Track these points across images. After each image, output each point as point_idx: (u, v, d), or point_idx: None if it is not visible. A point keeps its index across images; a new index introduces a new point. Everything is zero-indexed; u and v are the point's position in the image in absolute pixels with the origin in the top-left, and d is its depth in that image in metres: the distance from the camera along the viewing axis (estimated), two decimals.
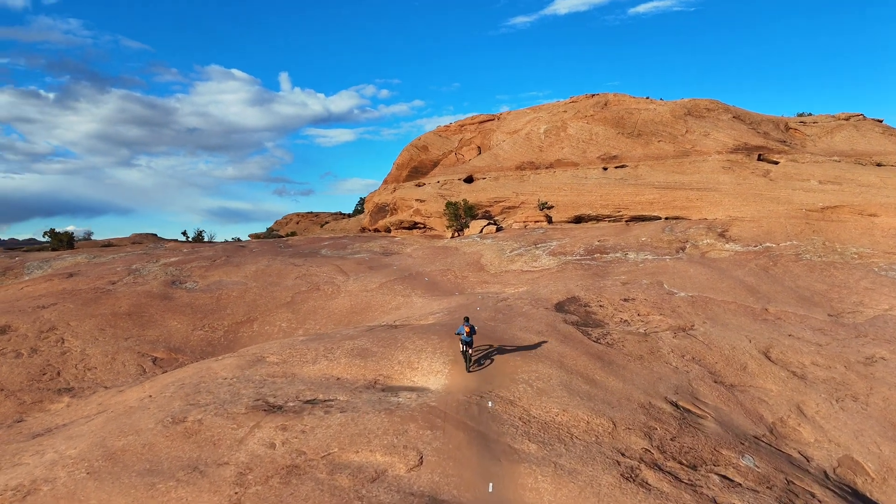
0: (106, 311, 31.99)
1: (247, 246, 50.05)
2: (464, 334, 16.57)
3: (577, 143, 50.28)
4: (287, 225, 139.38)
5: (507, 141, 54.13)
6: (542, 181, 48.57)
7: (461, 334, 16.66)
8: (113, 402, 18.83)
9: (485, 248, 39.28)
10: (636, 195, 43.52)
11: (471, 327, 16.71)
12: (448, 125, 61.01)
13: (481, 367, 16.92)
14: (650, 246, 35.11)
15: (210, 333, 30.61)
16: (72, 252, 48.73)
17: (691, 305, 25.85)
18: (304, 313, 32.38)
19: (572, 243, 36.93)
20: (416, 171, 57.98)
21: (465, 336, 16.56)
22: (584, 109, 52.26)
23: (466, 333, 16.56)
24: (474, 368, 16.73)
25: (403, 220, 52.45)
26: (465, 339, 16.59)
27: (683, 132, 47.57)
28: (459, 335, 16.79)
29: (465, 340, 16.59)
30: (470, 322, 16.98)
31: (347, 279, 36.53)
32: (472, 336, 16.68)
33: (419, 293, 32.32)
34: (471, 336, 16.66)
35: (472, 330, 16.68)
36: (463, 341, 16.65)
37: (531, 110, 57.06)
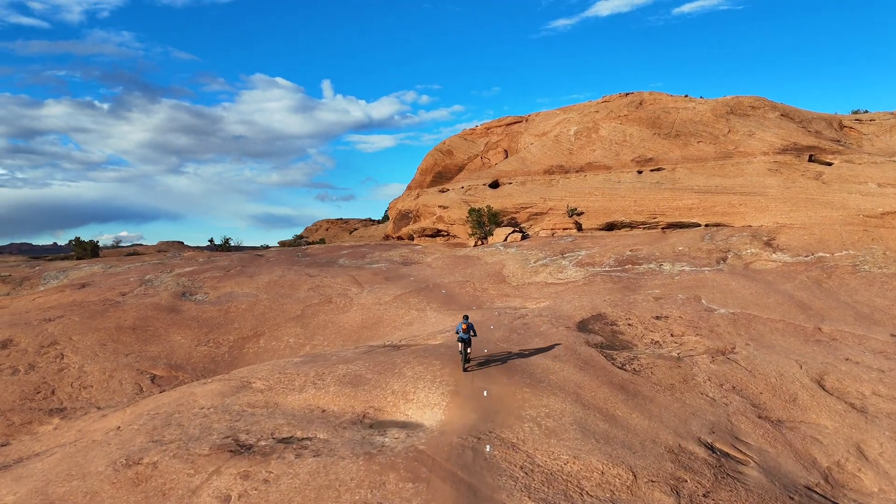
0: (110, 325, 31.43)
1: (264, 255, 49.39)
2: (460, 332, 17.09)
3: (609, 144, 47.90)
4: (317, 231, 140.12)
5: (535, 144, 52.11)
6: (571, 186, 46.37)
7: (458, 332, 17.19)
8: (91, 430, 17.76)
9: (508, 258, 37.38)
10: (673, 200, 40.93)
11: (468, 325, 17.17)
12: (474, 128, 59.32)
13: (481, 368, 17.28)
14: (687, 256, 32.61)
15: (214, 349, 29.62)
16: (90, 262, 48.99)
17: (732, 324, 23.45)
18: (314, 328, 31.13)
19: (602, 253, 34.69)
20: (440, 177, 56.49)
21: (462, 333, 17.04)
22: (617, 109, 49.84)
23: (463, 331, 17.04)
24: (471, 368, 17.17)
25: (426, 227, 50.98)
26: (461, 337, 17.07)
27: (725, 132, 44.70)
28: (457, 333, 17.33)
29: (462, 338, 17.06)
30: (469, 320, 17.49)
31: (361, 291, 35.19)
32: (468, 334, 17.16)
33: (434, 307, 30.68)
34: (468, 333, 17.11)
35: (469, 327, 17.17)
36: (460, 339, 17.12)
37: (561, 111, 54.87)
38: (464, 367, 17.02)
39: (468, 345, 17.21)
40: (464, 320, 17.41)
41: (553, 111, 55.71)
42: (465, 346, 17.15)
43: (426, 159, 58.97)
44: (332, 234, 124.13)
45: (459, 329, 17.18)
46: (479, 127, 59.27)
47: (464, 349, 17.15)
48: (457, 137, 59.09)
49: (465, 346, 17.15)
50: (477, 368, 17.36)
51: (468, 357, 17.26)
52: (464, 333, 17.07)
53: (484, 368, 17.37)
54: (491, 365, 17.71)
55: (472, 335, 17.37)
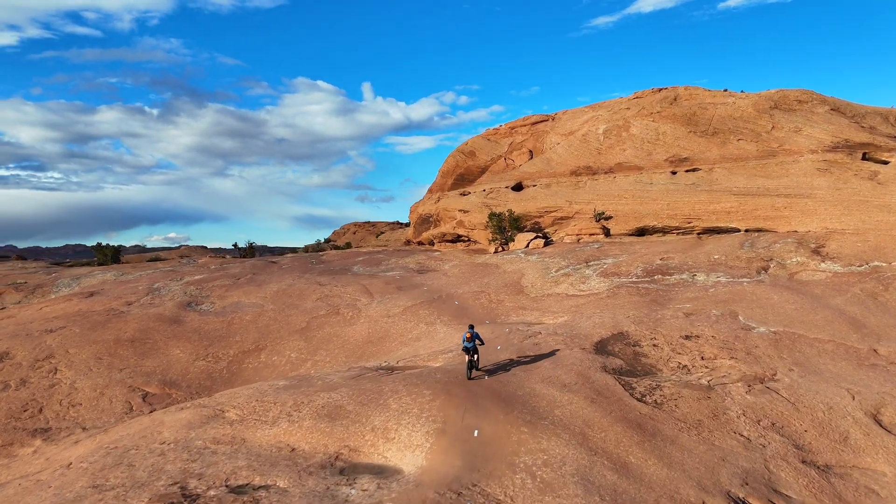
0: (109, 337, 30.74)
1: (278, 262, 48.52)
2: (465, 341, 17.53)
3: (641, 143, 45.33)
4: (344, 235, 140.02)
5: (562, 143, 49.85)
6: (599, 188, 44.01)
7: (463, 341, 17.64)
8: (57, 459, 16.63)
9: (527, 267, 35.37)
10: (710, 203, 38.20)
11: (473, 334, 17.50)
12: (498, 128, 57.30)
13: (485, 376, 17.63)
14: (724, 265, 30.04)
15: (212, 364, 28.55)
16: (104, 269, 49.00)
17: (774, 345, 21.01)
18: (318, 342, 29.79)
19: (630, 261, 32.35)
20: (461, 179, 54.71)
21: (466, 343, 17.47)
22: (649, 105, 47.19)
23: (467, 340, 17.46)
24: (476, 375, 17.51)
25: (446, 232, 49.29)
26: (465, 346, 17.49)
27: (769, 128, 41.65)
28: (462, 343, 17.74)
29: (466, 347, 17.47)
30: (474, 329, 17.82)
31: (371, 302, 33.73)
32: (473, 342, 17.47)
33: (445, 320, 28.96)
34: (472, 342, 17.44)
35: (473, 336, 17.49)
36: (464, 348, 17.55)
37: (589, 108, 52.42)
38: (468, 374, 17.37)
39: (475, 352, 17.61)
40: (469, 329, 17.75)
41: (581, 109, 53.29)
42: (470, 355, 17.53)
43: (447, 161, 57.25)
44: (359, 238, 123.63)
45: (464, 338, 17.62)
46: (502, 127, 57.24)
47: (469, 358, 17.54)
48: (479, 138, 57.19)
49: (470, 354, 17.52)
50: (475, 391, 15.56)
51: (476, 365, 17.72)
52: (467, 343, 17.46)
53: (481, 399, 15.54)
54: (489, 394, 15.86)
55: (477, 343, 17.68)
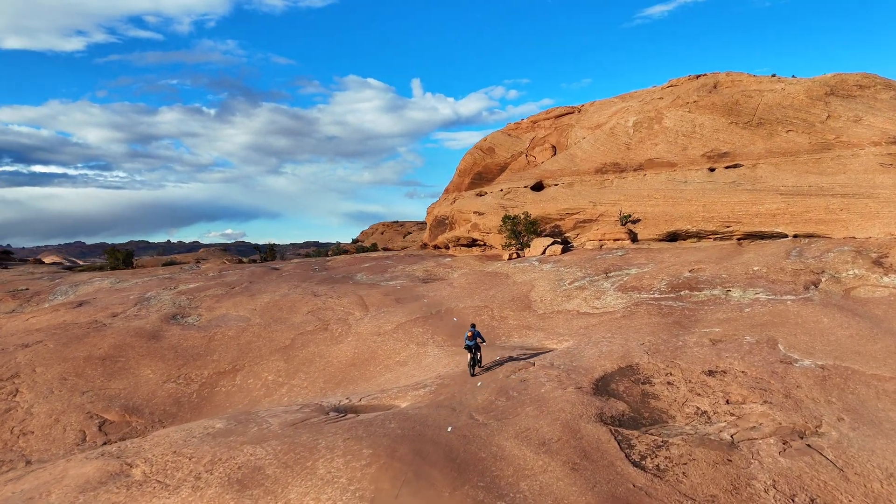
0: (81, 355, 29.12)
1: (281, 268, 46.56)
2: (466, 339, 19.16)
3: (675, 137, 41.29)
4: (372, 235, 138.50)
5: (588, 138, 46.16)
6: (627, 187, 40.24)
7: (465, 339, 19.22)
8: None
9: (540, 277, 32.13)
10: (753, 204, 34.08)
11: (474, 332, 19.08)
12: (519, 122, 53.87)
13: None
14: (765, 279, 26.14)
15: (182, 387, 26.49)
16: (104, 275, 48.10)
17: (820, 384, 17.38)
18: (299, 362, 27.39)
19: (654, 273, 28.73)
20: (479, 178, 51.61)
21: (468, 341, 19.06)
22: (685, 94, 43.04)
23: (468, 338, 19.08)
24: (478, 372, 19.12)
25: (460, 236, 46.36)
26: (467, 345, 19.06)
27: (824, 118, 37.07)
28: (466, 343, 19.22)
29: (468, 345, 19.01)
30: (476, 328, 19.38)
31: (365, 316, 31.19)
32: (474, 340, 19.03)
33: (438, 341, 26.12)
34: (473, 340, 19.02)
35: (475, 335, 19.07)
36: (466, 346, 19.13)
37: (619, 99, 48.49)
38: (471, 372, 18.97)
39: (477, 350, 19.11)
40: (471, 328, 19.26)
41: (610, 100, 49.37)
42: (473, 353, 19.02)
43: (465, 158, 54.20)
44: (386, 238, 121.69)
45: (466, 337, 19.18)
46: (524, 121, 53.78)
47: (472, 356, 19.04)
48: (499, 133, 53.88)
49: (472, 352, 19.01)
50: (426, 453, 12.66)
51: (479, 362, 19.32)
52: (469, 341, 19.01)
53: (429, 464, 12.64)
54: (443, 457, 12.93)
55: (479, 342, 19.18)
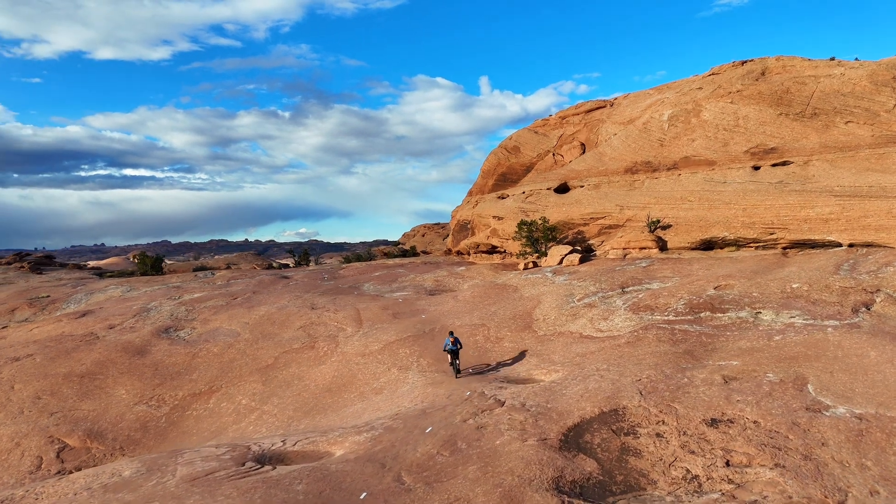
0: (63, 371, 28.47)
1: (291, 276, 45.26)
2: (448, 345, 21.16)
3: (714, 131, 37.28)
4: (413, 237, 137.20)
5: (619, 134, 42.59)
6: (658, 189, 36.58)
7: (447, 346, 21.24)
8: None
9: (549, 292, 29.24)
10: (802, 207, 29.96)
11: (455, 339, 21.21)
12: (547, 118, 50.65)
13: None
14: (804, 298, 22.39)
15: (153, 410, 25.22)
16: (119, 282, 48.24)
17: (854, 442, 14.03)
18: (276, 385, 25.67)
19: (675, 289, 25.32)
20: (503, 179, 48.79)
21: (451, 346, 21.08)
22: (727, 83, 38.86)
23: (451, 343, 21.10)
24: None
25: (480, 242, 43.78)
26: (451, 349, 21.07)
27: (890, 106, 32.36)
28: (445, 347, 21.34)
29: (452, 350, 21.06)
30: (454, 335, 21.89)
31: (356, 333, 29.23)
32: (456, 346, 21.17)
33: (423, 365, 23.81)
34: (455, 346, 21.12)
35: (456, 341, 21.19)
36: (450, 350, 21.11)
37: (655, 91, 44.57)
38: (456, 375, 21.19)
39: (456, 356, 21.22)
40: (450, 335, 21.48)
41: (646, 91, 45.49)
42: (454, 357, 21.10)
43: (489, 159, 51.41)
44: (427, 241, 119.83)
45: (448, 343, 21.25)
46: (552, 117, 50.46)
47: (453, 359, 21.16)
48: (525, 131, 50.76)
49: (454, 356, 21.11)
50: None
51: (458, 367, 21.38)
52: (452, 346, 21.15)
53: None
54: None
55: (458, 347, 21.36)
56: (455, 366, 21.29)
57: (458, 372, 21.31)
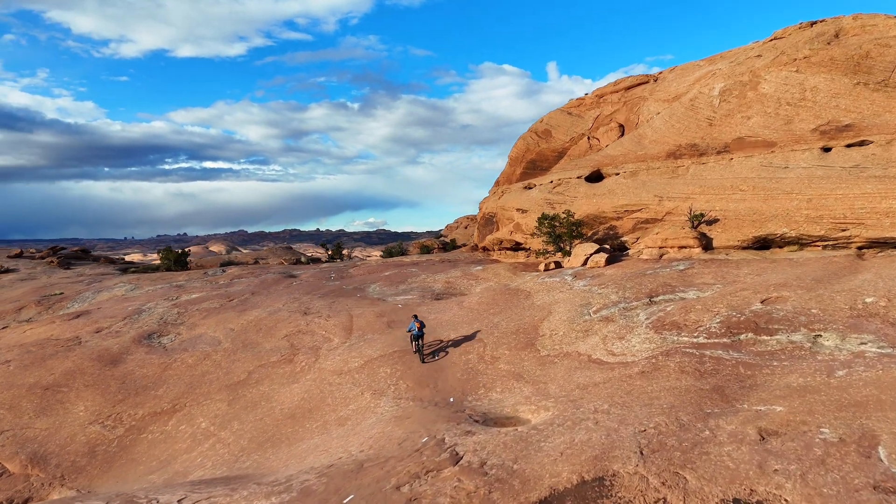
0: (30, 381, 26.74)
1: (298, 276, 42.62)
2: (415, 330, 22.18)
3: (775, 106, 31.90)
4: (456, 229, 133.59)
5: (662, 113, 37.58)
6: (705, 176, 31.63)
7: (412, 331, 22.34)
8: None
9: (563, 300, 25.20)
10: (884, 198, 24.67)
11: (421, 323, 22.22)
12: (583, 97, 45.78)
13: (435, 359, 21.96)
14: (881, 318, 17.57)
15: (107, 431, 22.93)
16: (127, 280, 47.00)
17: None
18: (241, 407, 22.89)
19: (712, 302, 20.79)
20: (533, 167, 44.48)
21: (416, 331, 22.13)
22: (792, 49, 33.23)
23: (417, 329, 22.11)
24: (429, 360, 21.90)
25: (503, 238, 39.86)
26: (415, 334, 22.19)
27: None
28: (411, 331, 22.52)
29: (417, 334, 22.14)
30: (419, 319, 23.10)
31: (342, 344, 26.19)
32: (422, 330, 22.16)
33: (401, 388, 20.47)
34: (421, 331, 22.08)
35: (422, 325, 22.17)
36: (417, 335, 22.11)
37: (706, 62, 39.12)
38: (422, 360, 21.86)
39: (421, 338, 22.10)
40: (415, 319, 22.41)
41: (695, 63, 40.05)
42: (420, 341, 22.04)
43: (517, 144, 47.08)
44: (469, 233, 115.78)
45: (413, 327, 22.09)
46: (588, 96, 45.56)
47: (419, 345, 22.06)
48: (558, 112, 46.07)
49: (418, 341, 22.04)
50: None
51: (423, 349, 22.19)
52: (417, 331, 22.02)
53: None
54: None
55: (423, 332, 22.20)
56: (420, 350, 22.01)
57: (423, 358, 21.91)
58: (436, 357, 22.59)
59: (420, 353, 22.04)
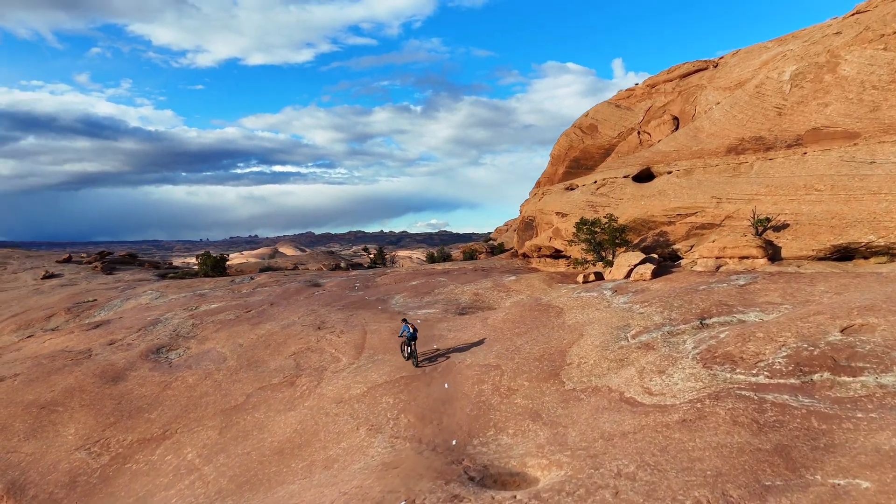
0: (29, 399, 25.73)
1: (322, 285, 40.65)
2: (408, 332, 21.60)
3: (858, 91, 27.48)
4: (506, 232, 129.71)
5: (723, 102, 33.48)
6: (772, 174, 27.56)
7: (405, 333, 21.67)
8: None
9: (598, 320, 21.97)
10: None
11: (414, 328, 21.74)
12: (633, 88, 41.85)
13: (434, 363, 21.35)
14: None
15: (92, 458, 21.36)
16: (156, 288, 46.38)
17: None
18: (232, 436, 20.87)
19: (777, 329, 17.13)
20: (576, 166, 40.99)
21: (410, 332, 21.60)
22: (878, 24, 28.63)
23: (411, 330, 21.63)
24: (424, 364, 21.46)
25: (541, 245, 36.68)
26: (409, 335, 21.60)
27: None
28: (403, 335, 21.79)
29: (410, 336, 21.60)
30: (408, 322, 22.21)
31: (349, 366, 23.89)
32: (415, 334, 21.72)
33: (401, 425, 17.94)
34: (414, 334, 21.64)
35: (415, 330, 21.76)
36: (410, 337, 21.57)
37: (775, 42, 34.64)
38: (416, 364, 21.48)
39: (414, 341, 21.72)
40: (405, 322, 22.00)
41: (762, 44, 35.58)
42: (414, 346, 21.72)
43: (559, 141, 43.58)
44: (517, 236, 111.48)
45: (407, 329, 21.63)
46: (639, 86, 41.60)
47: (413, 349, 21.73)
48: (605, 105, 42.29)
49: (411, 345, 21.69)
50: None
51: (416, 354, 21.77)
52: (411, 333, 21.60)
53: None
54: None
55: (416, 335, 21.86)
56: (413, 354, 21.60)
57: (416, 362, 21.48)
58: (446, 387, 19.85)
59: (414, 358, 21.56)
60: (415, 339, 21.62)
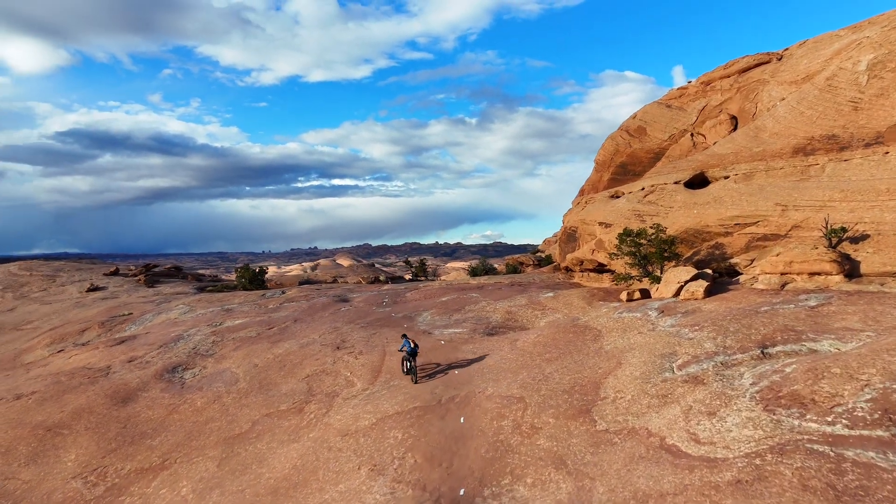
0: (38, 420, 24.97)
1: (350, 300, 38.98)
2: (409, 347, 21.60)
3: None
4: (554, 243, 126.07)
5: (788, 98, 30.11)
6: (848, 176, 24.21)
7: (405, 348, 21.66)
8: None
9: (640, 345, 19.35)
10: None
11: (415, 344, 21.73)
12: (685, 86, 38.56)
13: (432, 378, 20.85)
14: None
15: (88, 489, 20.16)
16: (186, 303, 45.86)
17: None
18: (230, 468, 19.28)
19: (856, 366, 14.14)
20: (623, 171, 38.06)
21: (410, 348, 21.58)
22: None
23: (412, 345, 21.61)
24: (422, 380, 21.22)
25: (583, 258, 33.99)
26: (409, 350, 21.57)
27: None
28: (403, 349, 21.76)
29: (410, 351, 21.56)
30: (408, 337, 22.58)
31: (361, 392, 22.14)
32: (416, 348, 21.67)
33: (406, 467, 15.91)
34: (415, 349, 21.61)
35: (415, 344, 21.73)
36: (410, 351, 21.52)
37: (848, 30, 31.00)
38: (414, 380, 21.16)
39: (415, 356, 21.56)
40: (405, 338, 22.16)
41: (832, 33, 31.94)
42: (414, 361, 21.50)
43: (605, 146, 40.67)
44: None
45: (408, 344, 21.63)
46: (692, 84, 38.28)
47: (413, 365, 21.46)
48: (654, 106, 39.14)
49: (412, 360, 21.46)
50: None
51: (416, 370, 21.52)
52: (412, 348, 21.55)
53: None
54: None
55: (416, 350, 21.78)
56: (413, 370, 21.38)
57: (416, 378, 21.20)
58: (462, 421, 17.62)
59: (413, 374, 21.32)
60: (415, 354, 21.60)
